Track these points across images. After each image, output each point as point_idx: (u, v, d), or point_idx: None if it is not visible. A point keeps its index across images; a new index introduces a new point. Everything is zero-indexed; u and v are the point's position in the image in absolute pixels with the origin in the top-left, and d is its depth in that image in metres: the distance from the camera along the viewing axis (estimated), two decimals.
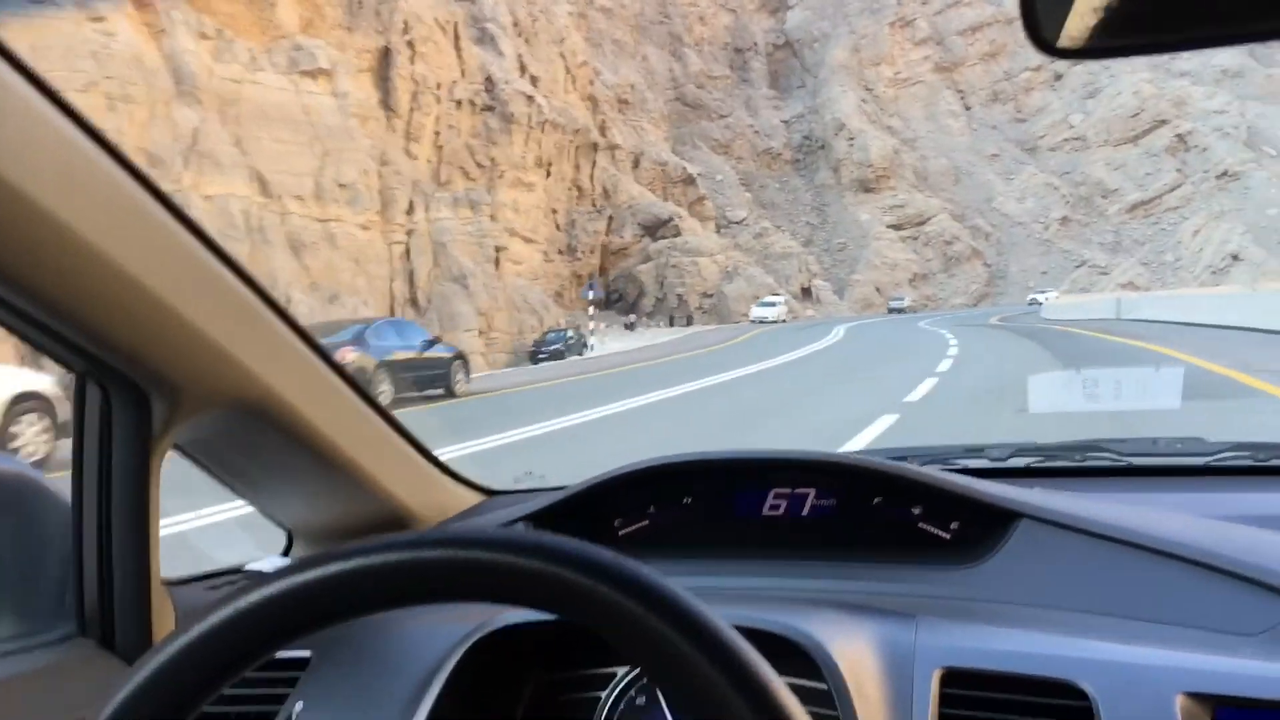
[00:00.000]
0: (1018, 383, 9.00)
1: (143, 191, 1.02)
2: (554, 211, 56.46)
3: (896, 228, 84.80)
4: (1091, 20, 0.78)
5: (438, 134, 49.08)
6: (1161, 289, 78.84)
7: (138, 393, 1.11)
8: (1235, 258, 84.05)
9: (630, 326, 51.87)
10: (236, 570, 1.47)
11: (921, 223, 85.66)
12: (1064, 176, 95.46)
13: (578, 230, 57.44)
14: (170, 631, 0.70)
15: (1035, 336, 25.31)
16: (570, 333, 31.95)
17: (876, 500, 1.40)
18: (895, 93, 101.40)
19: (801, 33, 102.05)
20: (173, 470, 1.22)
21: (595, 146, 59.96)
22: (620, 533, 1.51)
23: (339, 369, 1.36)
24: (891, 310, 69.20)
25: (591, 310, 46.06)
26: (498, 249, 36.41)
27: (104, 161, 0.98)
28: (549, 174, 55.08)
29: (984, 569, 1.29)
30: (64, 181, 0.92)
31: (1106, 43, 0.81)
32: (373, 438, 1.44)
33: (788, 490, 1.44)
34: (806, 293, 67.06)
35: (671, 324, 54.85)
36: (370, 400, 1.43)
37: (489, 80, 50.75)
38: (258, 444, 1.30)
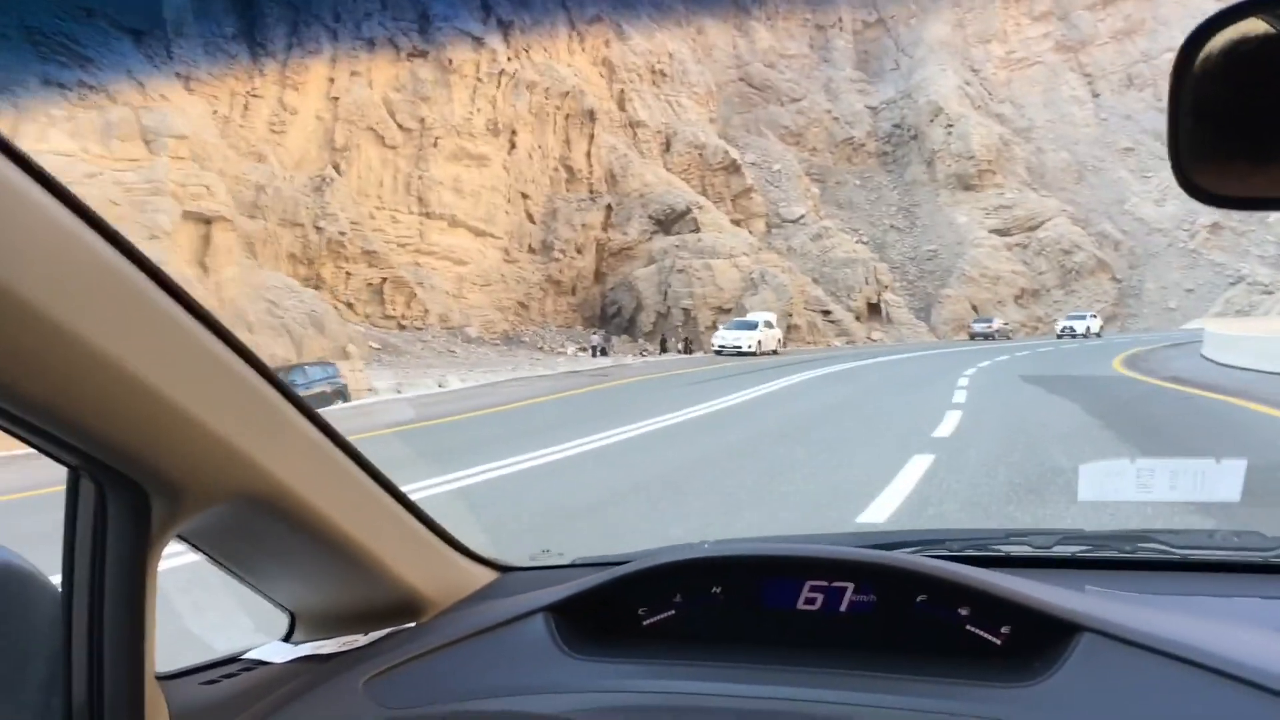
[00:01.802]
0: None
1: (143, 277, 0.97)
2: (524, 196, 42.70)
3: (1002, 233, 69.29)
4: (1241, 173, 0.82)
5: (332, 81, 35.62)
6: None
7: (136, 491, 1.04)
8: None
9: (600, 350, 37.95)
10: (235, 659, 1.37)
11: (1033, 227, 69.97)
12: None
13: (559, 222, 43.63)
14: None
15: None
16: (320, 371, 18.64)
17: (920, 599, 1.29)
18: (1007, 75, 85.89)
19: (897, 6, 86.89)
20: None
21: (591, 116, 46.12)
22: (645, 623, 1.39)
23: (348, 447, 1.29)
24: (975, 335, 54.32)
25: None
26: (208, 220, 22.66)
27: (100, 248, 0.93)
28: (513, 146, 41.48)
29: (1043, 688, 1.16)
30: (56, 272, 0.88)
31: (1255, 194, 0.85)
32: (381, 518, 1.37)
33: (824, 583, 1.33)
34: (874, 309, 52.14)
35: (664, 349, 40.51)
36: (379, 477, 1.36)
37: (424, 17, 36.60)
38: (262, 532, 1.24)
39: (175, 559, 1.28)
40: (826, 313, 46.96)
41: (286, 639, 1.45)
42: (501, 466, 8.98)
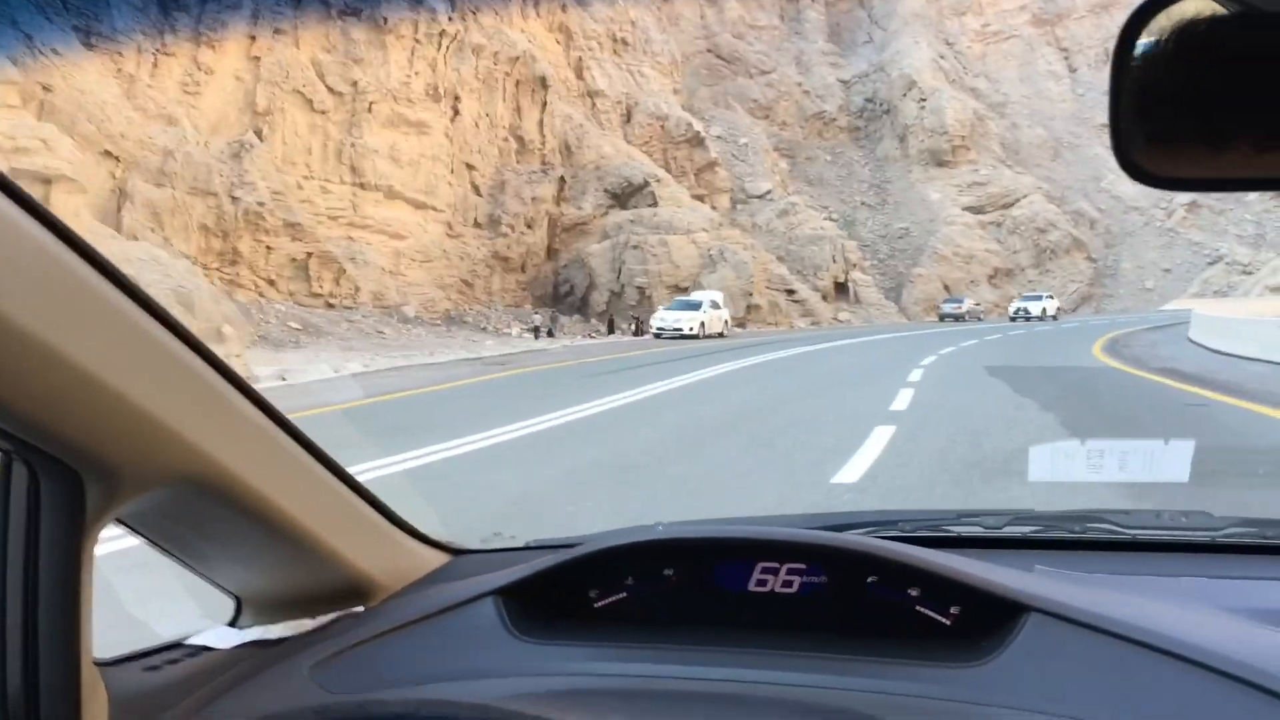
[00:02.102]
0: None
1: (74, 256, 0.95)
2: (469, 167, 40.26)
3: (975, 210, 67.26)
4: (1200, 147, 0.81)
5: (253, 39, 32.93)
6: None
7: (70, 475, 1.02)
8: None
9: (545, 331, 35.67)
10: (178, 644, 1.34)
11: (1008, 205, 67.99)
12: None
13: (507, 195, 41.21)
14: None
15: None
16: None
17: (871, 580, 1.31)
18: (983, 49, 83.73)
19: None
20: None
21: (544, 83, 43.64)
22: (596, 605, 1.40)
23: (293, 430, 1.29)
24: (945, 317, 51.80)
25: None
26: (47, 180, 20.00)
27: (27, 224, 0.91)
28: (456, 113, 38.96)
29: (991, 668, 1.18)
30: None
31: (1219, 174, 0.83)
32: (328, 501, 1.37)
33: (775, 564, 1.34)
34: (842, 289, 49.99)
35: (611, 330, 38.26)
36: (326, 460, 1.36)
37: None
38: (204, 516, 1.22)
39: (117, 542, 1.25)
40: (790, 292, 44.76)
41: (232, 624, 1.42)
42: None
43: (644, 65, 58.42)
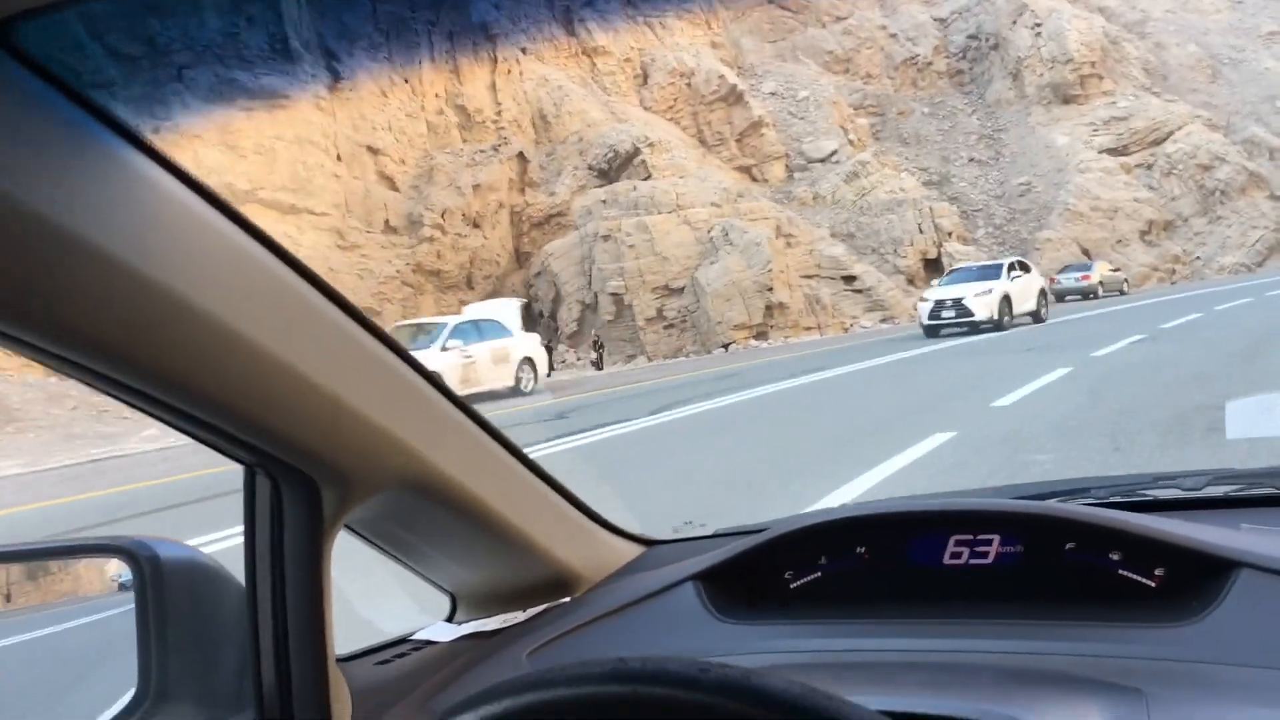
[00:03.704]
0: None
1: (300, 280, 1.04)
2: (372, 152, 29.24)
3: (1117, 152, 53.14)
4: None
5: None
6: None
7: (307, 483, 1.12)
8: None
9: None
10: (404, 640, 1.46)
11: (1158, 141, 53.59)
12: None
13: (435, 186, 30.03)
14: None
15: None
16: None
17: (1069, 546, 1.29)
18: None
19: None
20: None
21: (488, 33, 32.33)
22: (792, 586, 1.43)
23: (494, 432, 1.37)
24: (1064, 294, 38.41)
25: None
26: None
27: (261, 255, 1.00)
28: (337, 76, 27.93)
29: (1204, 626, 1.16)
30: (225, 282, 0.95)
31: None
32: (530, 499, 1.45)
33: (969, 537, 1.34)
34: (933, 266, 37.16)
35: (600, 362, 26.54)
36: (525, 460, 1.44)
37: None
38: (422, 517, 1.32)
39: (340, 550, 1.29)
40: (849, 279, 32.28)
41: (449, 619, 1.52)
42: None
43: (666, 14, 46.68)
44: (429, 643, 1.45)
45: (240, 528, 1.14)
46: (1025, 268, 26.85)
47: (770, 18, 62.43)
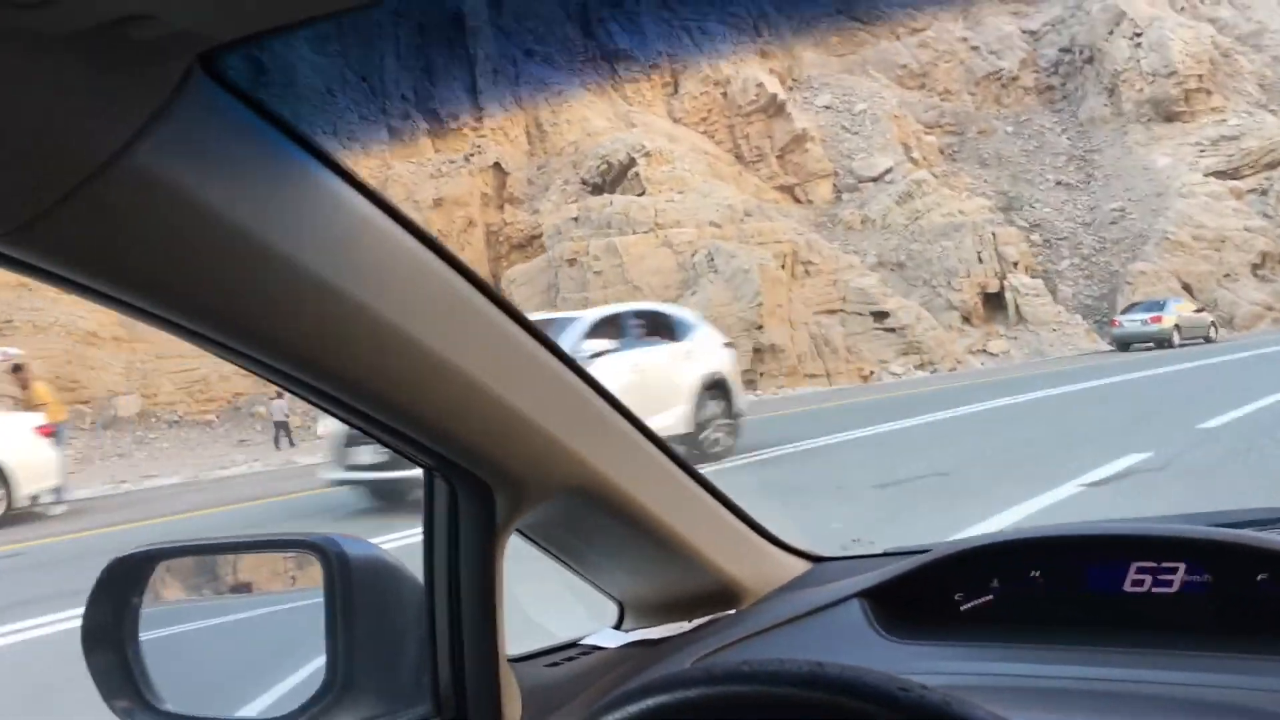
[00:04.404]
0: None
1: (476, 294, 1.09)
2: None
3: (1226, 175, 46.85)
4: None
5: None
6: None
7: (482, 487, 1.17)
8: None
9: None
10: (573, 644, 1.48)
11: (1274, 164, 47.22)
12: None
13: None
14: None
15: None
16: None
17: (1261, 576, 1.22)
18: None
19: None
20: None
21: (460, 23, 28.43)
22: (962, 608, 1.38)
23: (661, 443, 1.37)
24: (1126, 342, 31.26)
25: None
26: None
27: (438, 266, 1.04)
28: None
29: None
30: (405, 292, 0.99)
31: None
32: (697, 510, 1.45)
33: (1153, 564, 1.28)
34: (993, 300, 31.74)
35: None
36: (691, 471, 1.44)
37: None
38: (590, 524, 1.34)
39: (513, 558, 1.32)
40: (880, 315, 27.06)
41: (617, 626, 1.53)
42: None
43: (709, 19, 42.16)
44: (596, 648, 1.45)
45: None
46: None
47: (839, 29, 57.50)
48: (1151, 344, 30.08)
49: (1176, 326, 31.33)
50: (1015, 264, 33.27)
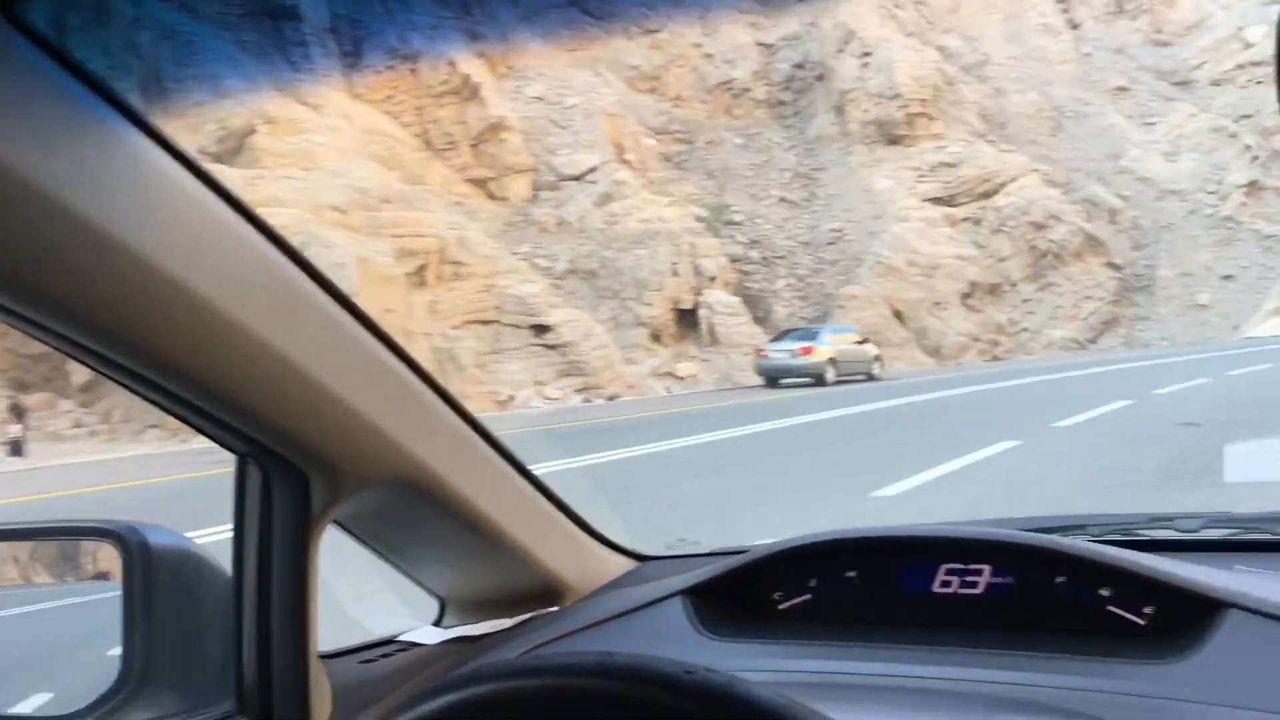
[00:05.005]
0: None
1: (299, 273, 1.05)
2: None
3: (942, 201, 46.30)
4: None
5: None
6: None
7: (298, 474, 1.13)
8: None
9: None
10: (390, 641, 1.46)
11: (989, 193, 46.98)
12: (1244, 121, 55.46)
13: None
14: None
15: None
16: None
17: (1060, 580, 1.30)
18: (954, 0, 63.12)
19: None
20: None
21: None
22: (780, 607, 1.43)
23: (491, 437, 1.37)
24: (775, 376, 26.08)
25: None
26: None
27: (261, 245, 1.00)
28: None
29: (1189, 665, 1.16)
30: (222, 267, 0.95)
31: None
32: (524, 507, 1.44)
33: (960, 566, 1.34)
34: (687, 318, 28.65)
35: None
36: (521, 467, 1.43)
37: None
38: (413, 518, 1.32)
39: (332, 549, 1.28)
40: (542, 328, 23.31)
41: (437, 623, 1.51)
42: None
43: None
44: (414, 645, 1.42)
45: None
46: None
47: (568, 20, 54.11)
48: (807, 379, 25.43)
49: (832, 360, 25.93)
50: (713, 279, 30.40)
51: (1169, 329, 43.11)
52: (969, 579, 1.31)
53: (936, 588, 1.33)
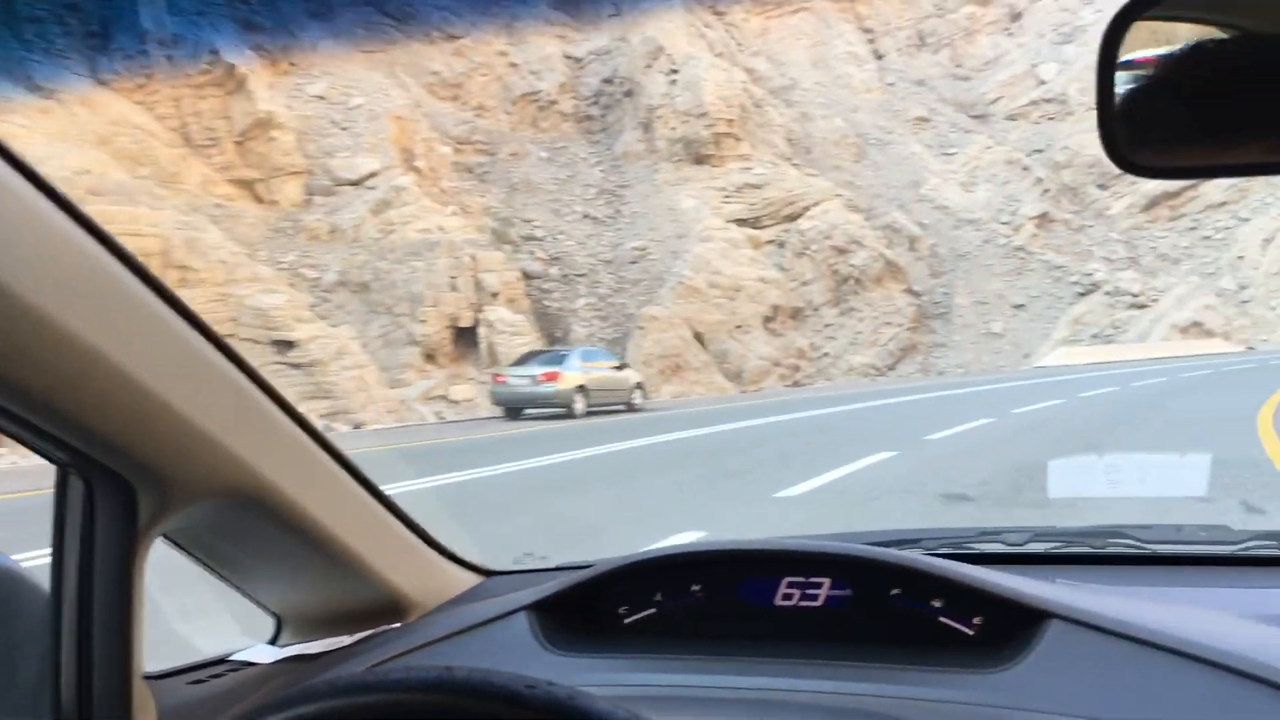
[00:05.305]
0: None
1: (131, 277, 1.00)
2: None
3: (747, 223, 45.51)
4: (1182, 140, 0.85)
5: None
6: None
7: (124, 486, 1.07)
8: None
9: None
10: (222, 660, 1.40)
11: (793, 216, 46.52)
12: (1036, 155, 57.19)
13: None
14: None
15: None
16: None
17: (894, 592, 1.33)
18: (763, 24, 62.96)
19: None
20: None
21: None
22: (626, 621, 1.42)
23: (334, 450, 1.33)
24: (507, 403, 22.54)
25: None
26: None
27: (91, 247, 0.96)
28: None
29: (1013, 673, 1.20)
30: (49, 269, 0.91)
31: (1200, 163, 0.86)
32: (367, 521, 1.41)
33: (801, 579, 1.37)
34: (465, 337, 26.41)
35: None
36: (365, 481, 1.40)
37: None
38: (249, 532, 1.27)
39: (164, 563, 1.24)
40: (286, 345, 20.71)
41: (273, 642, 1.46)
42: None
43: None
44: (248, 664, 1.37)
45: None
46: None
47: (367, 22, 51.20)
48: (553, 409, 21.82)
49: (582, 388, 22.20)
50: (496, 295, 28.24)
51: (964, 356, 43.35)
52: (809, 591, 1.33)
53: (778, 600, 1.34)
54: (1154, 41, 0.82)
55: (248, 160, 31.02)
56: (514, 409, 22.03)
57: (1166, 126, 0.84)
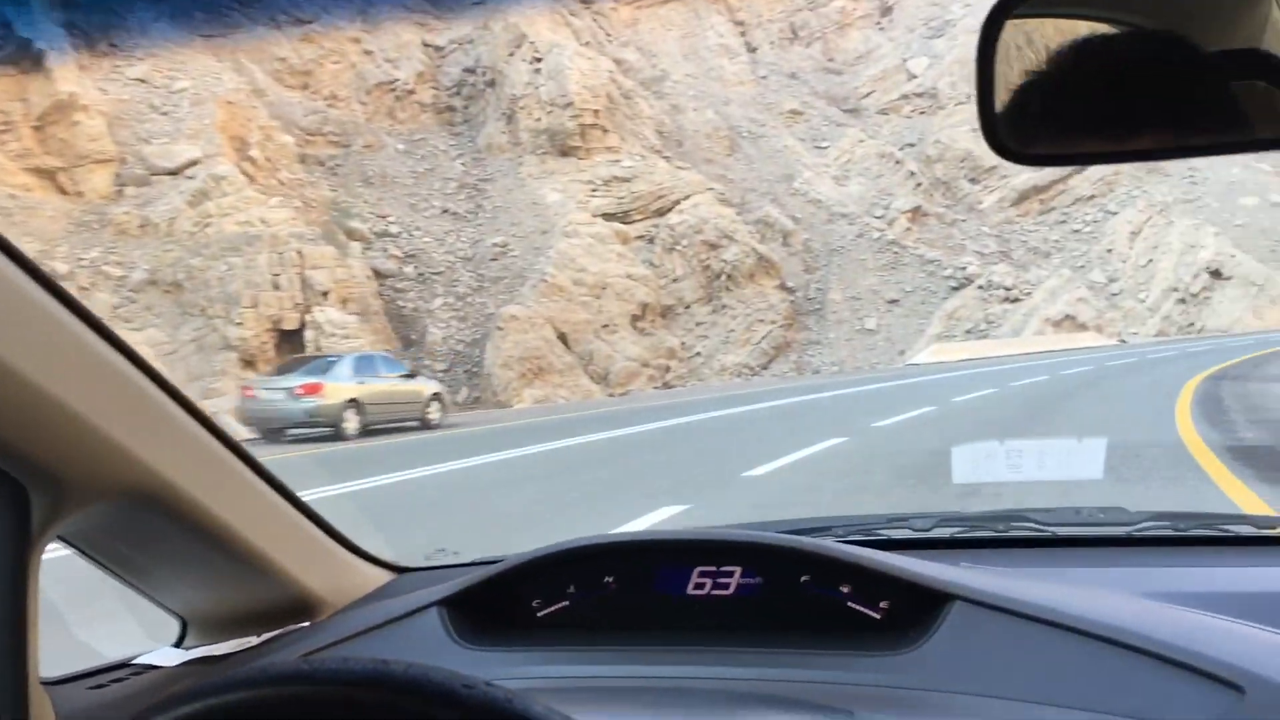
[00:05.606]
0: None
1: (18, 272, 0.99)
2: None
3: (615, 217, 43.55)
4: (1056, 129, 0.87)
5: None
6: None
7: (14, 487, 1.04)
8: (1217, 274, 46.47)
9: None
10: (124, 664, 1.38)
11: (663, 210, 44.72)
12: (908, 149, 56.60)
13: None
14: None
15: None
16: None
17: (804, 578, 1.36)
18: (633, 14, 61.14)
19: None
20: None
21: None
22: (539, 614, 1.43)
23: (239, 449, 1.31)
24: (262, 423, 18.01)
25: None
26: None
27: None
28: None
29: (918, 654, 1.24)
30: None
31: (1072, 150, 0.89)
32: (273, 519, 1.39)
33: (712, 568, 1.38)
34: (290, 340, 23.70)
35: None
36: (271, 480, 1.38)
37: None
38: (150, 533, 1.25)
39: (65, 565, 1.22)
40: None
41: (178, 644, 1.43)
42: None
43: None
44: (151, 667, 1.35)
45: None
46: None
47: (206, 2, 47.72)
48: (317, 427, 17.94)
49: (354, 402, 18.22)
50: (326, 294, 25.63)
51: (839, 353, 42.13)
52: (721, 580, 1.33)
53: (690, 590, 1.35)
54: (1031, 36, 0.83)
55: (48, 147, 27.74)
56: (270, 429, 17.83)
57: (1045, 114, 0.85)
